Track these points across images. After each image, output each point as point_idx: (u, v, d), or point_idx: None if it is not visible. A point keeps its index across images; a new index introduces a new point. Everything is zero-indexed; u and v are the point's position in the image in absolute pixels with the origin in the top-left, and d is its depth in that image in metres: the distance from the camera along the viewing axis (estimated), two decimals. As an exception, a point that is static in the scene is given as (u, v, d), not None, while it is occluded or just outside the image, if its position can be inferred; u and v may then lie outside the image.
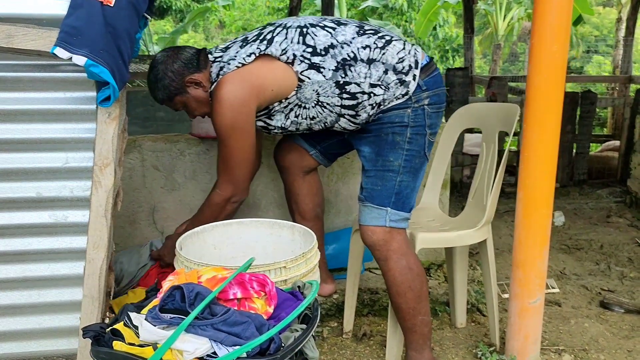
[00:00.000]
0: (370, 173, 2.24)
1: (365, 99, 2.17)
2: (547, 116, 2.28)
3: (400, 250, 2.23)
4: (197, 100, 2.28)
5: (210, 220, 2.30)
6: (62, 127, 2.02)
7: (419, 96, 2.18)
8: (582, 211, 5.00)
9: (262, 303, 1.68)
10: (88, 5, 1.80)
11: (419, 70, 2.18)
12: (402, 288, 2.24)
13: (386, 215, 2.21)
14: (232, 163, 2.28)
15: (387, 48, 2.18)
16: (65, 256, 2.07)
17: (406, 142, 2.20)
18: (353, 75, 2.14)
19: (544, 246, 2.40)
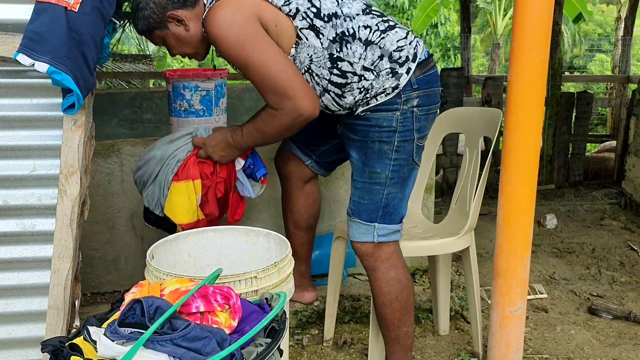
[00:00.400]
0: (358, 184, 2.18)
1: (355, 80, 2.07)
2: (528, 122, 2.23)
3: (390, 261, 2.19)
4: (177, 38, 2.16)
5: (270, 135, 2.18)
6: (29, 134, 1.97)
7: (409, 95, 2.09)
8: (575, 213, 4.96)
9: (225, 317, 1.64)
10: (52, 11, 1.75)
11: (415, 64, 2.09)
12: (388, 299, 2.20)
13: (374, 230, 2.16)
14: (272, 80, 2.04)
15: (388, 33, 2.08)
16: (34, 265, 2.03)
17: (393, 151, 2.12)
18: (348, 53, 2.05)
19: (526, 254, 2.36)
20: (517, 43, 2.17)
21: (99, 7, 1.82)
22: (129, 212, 2.87)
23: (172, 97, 2.75)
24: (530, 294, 3.27)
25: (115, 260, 2.92)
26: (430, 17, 11.07)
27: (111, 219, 2.85)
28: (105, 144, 2.80)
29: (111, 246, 2.89)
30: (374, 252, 2.18)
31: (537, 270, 3.66)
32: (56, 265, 1.89)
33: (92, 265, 2.89)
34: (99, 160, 2.78)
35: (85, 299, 2.89)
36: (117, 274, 2.94)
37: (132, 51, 12.31)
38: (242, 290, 1.89)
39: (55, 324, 1.89)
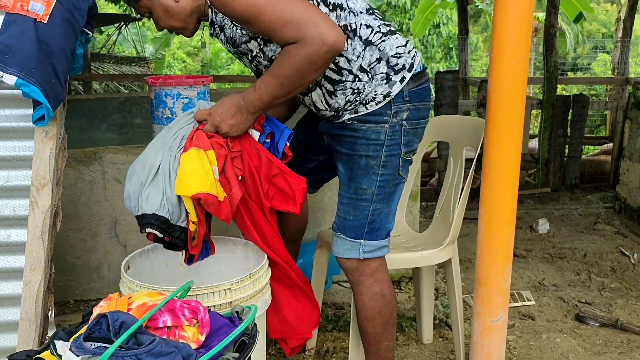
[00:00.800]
0: (344, 199, 2.12)
1: (350, 79, 1.98)
2: (508, 131, 2.21)
3: (374, 276, 2.15)
4: (164, 9, 1.94)
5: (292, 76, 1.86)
6: (2, 145, 1.96)
7: (399, 107, 2.03)
8: (569, 217, 4.94)
9: (193, 331, 1.63)
10: (21, 22, 1.75)
11: (410, 75, 2.04)
12: (371, 313, 2.17)
13: (359, 247, 2.11)
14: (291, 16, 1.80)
15: (389, 37, 2.03)
16: (9, 275, 2.02)
17: (380, 167, 2.06)
18: (347, 49, 1.95)
19: (507, 263, 2.33)
20: (496, 52, 2.15)
21: (69, 19, 1.81)
22: (112, 219, 2.86)
23: (154, 104, 2.74)
24: (517, 301, 3.26)
25: (98, 268, 2.91)
26: (429, 20, 11.03)
27: (94, 226, 2.85)
28: (87, 151, 2.80)
29: (94, 254, 2.88)
30: (358, 267, 2.14)
31: (526, 276, 3.64)
32: (28, 277, 1.89)
33: (75, 272, 2.89)
34: (80, 168, 2.77)
35: (68, 306, 2.89)
36: (100, 281, 2.93)
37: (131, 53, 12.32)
38: (216, 302, 1.88)
39: (27, 336, 1.88)
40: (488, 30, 17.89)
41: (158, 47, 13.64)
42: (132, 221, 2.85)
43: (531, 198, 5.53)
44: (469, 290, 3.22)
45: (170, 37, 12.69)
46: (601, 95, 10.81)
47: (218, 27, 2.01)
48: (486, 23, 17.95)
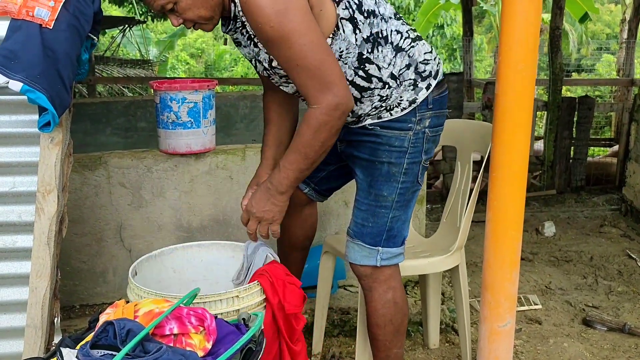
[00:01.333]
0: (362, 206, 2.09)
1: (379, 87, 1.94)
2: (516, 135, 2.19)
3: (388, 283, 2.12)
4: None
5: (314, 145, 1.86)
6: (8, 151, 1.96)
7: (423, 114, 2.01)
8: (575, 220, 4.91)
9: (200, 339, 1.62)
10: (26, 28, 1.75)
11: (436, 82, 2.03)
12: (382, 320, 2.15)
13: (377, 255, 2.08)
14: (313, 63, 1.77)
15: (417, 42, 2.00)
16: (15, 281, 2.02)
17: (402, 174, 2.03)
18: (378, 56, 1.91)
19: (514, 268, 2.32)
20: (503, 56, 2.14)
21: (74, 24, 1.81)
22: (117, 224, 2.86)
23: (159, 108, 2.74)
24: (524, 305, 3.24)
25: (104, 273, 2.91)
26: (431, 22, 11.01)
27: (99, 231, 2.84)
28: (93, 156, 2.79)
29: (99, 258, 2.88)
30: (372, 274, 2.11)
31: (533, 280, 3.62)
32: (34, 284, 1.88)
33: (81, 277, 2.88)
34: (86, 173, 2.77)
35: (73, 311, 2.88)
36: (106, 286, 2.93)
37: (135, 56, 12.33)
38: (223, 310, 1.86)
39: (33, 343, 1.88)
40: (492, 31, 17.86)
41: (162, 49, 13.65)
42: (137, 226, 2.87)
43: (537, 200, 5.51)
44: (475, 294, 3.20)
45: (174, 40, 12.70)
46: (606, 97, 10.79)
47: (240, 22, 1.88)
48: (490, 24, 17.91)
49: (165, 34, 15.89)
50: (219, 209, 2.96)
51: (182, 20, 1.84)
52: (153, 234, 2.84)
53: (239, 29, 1.91)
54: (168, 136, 2.77)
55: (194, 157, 2.86)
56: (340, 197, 3.00)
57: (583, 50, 17.64)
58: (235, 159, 2.92)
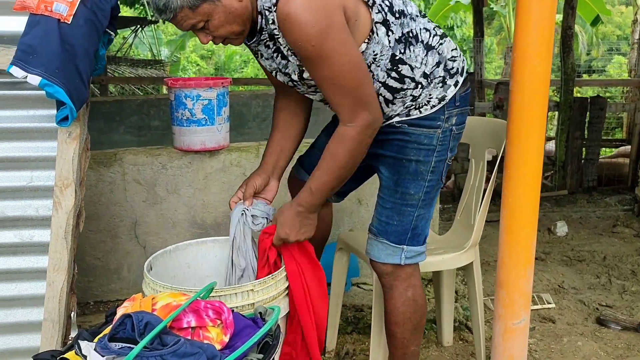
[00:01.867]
0: (387, 204, 2.06)
1: (411, 87, 1.93)
2: (531, 132, 2.19)
3: (408, 281, 2.11)
4: (227, 12, 1.72)
5: (347, 164, 1.89)
6: (26, 146, 1.98)
7: (451, 112, 2.01)
8: (587, 220, 4.89)
9: (217, 332, 1.62)
10: (45, 23, 1.76)
11: (462, 79, 2.03)
12: (401, 318, 2.14)
13: (402, 253, 2.06)
14: (351, 82, 1.78)
15: (444, 39, 1.99)
16: (32, 276, 2.03)
17: (429, 172, 2.02)
18: (410, 56, 1.90)
19: (529, 265, 2.31)
20: (518, 52, 2.13)
21: (92, 19, 1.82)
22: (132, 220, 2.87)
23: (174, 106, 2.75)
24: (537, 304, 3.23)
25: (118, 269, 2.92)
26: (440, 24, 11.03)
27: (113, 227, 2.85)
28: (108, 153, 2.81)
29: (114, 255, 2.89)
30: (394, 271, 2.10)
31: (545, 279, 3.61)
32: (51, 278, 1.89)
33: (96, 274, 2.90)
34: (101, 169, 2.78)
35: (88, 307, 2.90)
36: (120, 282, 2.94)
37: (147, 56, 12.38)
38: (238, 303, 1.87)
39: (50, 336, 1.89)
40: (502, 33, 17.81)
41: (173, 50, 13.69)
42: (152, 222, 2.88)
43: (548, 201, 5.49)
44: (488, 293, 3.19)
45: (186, 40, 12.72)
46: (617, 98, 10.73)
47: (267, 35, 1.84)
48: (500, 25, 17.87)
49: (176, 34, 15.93)
50: (232, 206, 2.97)
51: (211, 37, 1.79)
52: (167, 230, 2.85)
53: (263, 41, 1.88)
54: (182, 133, 2.78)
55: (208, 154, 2.87)
56: (354, 194, 2.99)
57: (593, 52, 17.58)
58: (249, 157, 2.93)
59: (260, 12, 1.78)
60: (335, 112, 1.87)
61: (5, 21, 1.91)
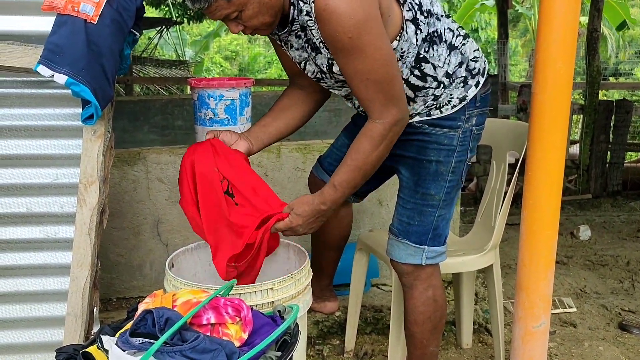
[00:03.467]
0: (408, 205, 2.06)
1: (433, 86, 1.93)
2: (553, 134, 2.18)
3: (429, 281, 2.12)
4: (261, 3, 1.71)
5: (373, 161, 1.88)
6: (51, 143, 2.02)
7: (471, 112, 2.01)
8: (611, 224, 4.84)
9: (236, 329, 1.64)
10: (71, 23, 1.79)
11: (483, 80, 2.03)
12: (421, 318, 2.14)
13: (423, 253, 2.06)
14: (384, 77, 1.78)
15: (467, 40, 2.00)
16: (56, 271, 2.07)
17: (449, 172, 2.02)
18: (433, 55, 1.90)
19: (549, 268, 2.30)
20: (541, 54, 2.12)
21: (118, 20, 1.84)
22: (154, 218, 2.90)
23: (197, 105, 2.77)
24: (559, 308, 3.21)
25: (141, 266, 2.96)
26: (467, 24, 10.98)
27: (137, 225, 2.89)
28: (132, 151, 2.85)
29: (137, 252, 2.93)
30: (414, 271, 2.10)
31: (567, 283, 3.58)
32: (75, 273, 1.92)
33: (118, 270, 2.94)
34: (125, 168, 2.82)
35: (110, 304, 2.94)
36: (143, 279, 2.98)
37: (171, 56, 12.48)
38: (258, 301, 1.89)
39: (73, 331, 1.92)
40: (527, 35, 17.68)
41: (197, 50, 13.80)
42: (174, 220, 2.91)
43: (572, 204, 5.45)
44: (509, 296, 3.18)
45: (210, 41, 12.80)
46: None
47: (299, 26, 1.82)
48: (525, 27, 17.73)
49: (200, 35, 16.04)
50: (253, 205, 2.99)
51: (242, 27, 1.78)
52: (189, 228, 2.81)
53: (295, 32, 1.86)
54: (205, 133, 2.80)
55: (230, 154, 2.89)
56: (374, 195, 3.00)
57: (621, 54, 17.38)
58: (271, 157, 2.95)
59: (292, 3, 1.77)
60: (364, 107, 1.86)
61: (34, 21, 1.95)
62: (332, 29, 1.69)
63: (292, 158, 2.96)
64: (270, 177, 2.97)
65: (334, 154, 2.34)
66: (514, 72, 17.03)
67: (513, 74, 16.25)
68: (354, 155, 1.89)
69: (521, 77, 17.07)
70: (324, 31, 1.72)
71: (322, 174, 2.36)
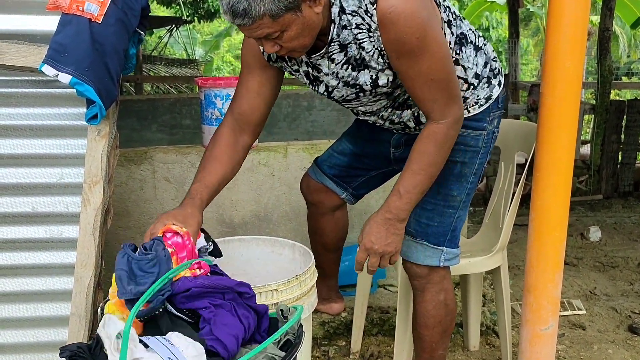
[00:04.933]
0: (428, 205, 2.01)
1: (464, 88, 1.91)
2: (561, 135, 2.15)
3: (441, 284, 2.09)
4: (305, 24, 1.61)
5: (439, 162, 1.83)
6: (56, 143, 2.01)
7: (494, 114, 2.01)
8: (622, 226, 4.80)
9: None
10: (76, 23, 1.79)
11: (503, 80, 2.02)
12: (432, 321, 2.12)
13: (441, 255, 2.03)
14: (446, 76, 1.76)
15: (486, 40, 2.01)
16: (61, 271, 2.07)
17: (472, 174, 2.01)
18: (463, 57, 1.88)
19: (558, 270, 2.28)
20: (549, 53, 2.10)
21: (122, 19, 1.84)
22: (161, 218, 2.90)
23: (204, 105, 2.77)
24: (568, 310, 3.18)
25: (147, 266, 2.95)
26: (475, 24, 10.92)
27: (143, 224, 2.88)
28: (138, 150, 2.84)
29: (143, 252, 2.92)
30: (428, 274, 2.07)
31: (577, 285, 3.55)
32: (79, 273, 1.92)
33: (125, 270, 2.93)
34: (131, 167, 2.82)
35: (117, 303, 2.93)
36: (149, 279, 2.97)
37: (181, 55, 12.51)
38: (262, 303, 1.87)
39: (77, 331, 1.92)
40: (539, 34, 17.59)
41: (208, 49, 13.83)
42: (180, 220, 2.90)
43: (582, 205, 5.41)
44: (517, 298, 3.16)
45: (220, 40, 12.82)
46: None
47: (339, 45, 1.74)
48: (537, 27, 17.64)
49: (210, 34, 16.07)
50: (260, 205, 2.98)
51: (279, 47, 1.67)
52: (196, 228, 2.87)
53: (329, 54, 1.77)
54: (212, 132, 2.78)
55: (236, 153, 2.88)
56: (381, 196, 2.99)
57: (633, 54, 17.25)
58: (277, 156, 2.94)
59: (333, 21, 1.70)
60: (425, 109, 1.81)
61: (39, 20, 1.94)
62: (399, 31, 1.64)
63: (299, 158, 2.95)
64: (277, 177, 2.95)
65: (334, 157, 2.31)
66: (525, 71, 16.95)
67: (524, 74, 16.17)
68: (419, 160, 1.82)
69: (532, 77, 16.99)
70: (390, 35, 1.66)
71: (322, 176, 2.33)
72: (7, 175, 2.01)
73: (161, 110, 4.33)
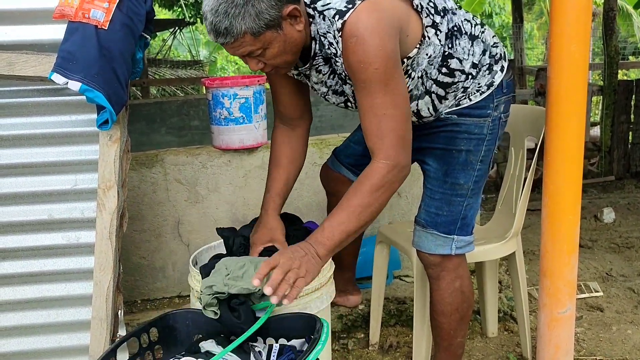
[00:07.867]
0: (436, 195, 2.04)
1: (462, 79, 1.93)
2: (570, 119, 2.15)
3: (456, 272, 2.10)
4: (286, 41, 1.67)
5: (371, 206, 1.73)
6: (69, 150, 2.03)
7: (499, 100, 2.01)
8: (636, 206, 4.79)
9: None
10: (83, 30, 1.80)
11: (507, 64, 2.02)
12: (449, 309, 2.13)
13: (452, 243, 2.05)
14: (400, 115, 1.73)
15: (484, 27, 2.01)
16: (80, 276, 2.09)
17: (479, 162, 2.01)
18: (457, 49, 1.90)
19: (573, 253, 2.28)
20: (555, 37, 2.10)
21: (128, 24, 1.86)
22: (175, 219, 2.92)
23: (212, 105, 2.79)
24: (585, 293, 3.18)
25: (163, 268, 2.98)
26: (476, 11, 10.85)
27: (157, 227, 2.91)
28: (149, 154, 2.86)
29: (159, 254, 2.95)
30: (442, 262, 2.08)
31: (592, 267, 3.55)
32: (97, 277, 1.95)
33: (141, 273, 2.96)
34: (143, 170, 2.84)
35: (135, 306, 2.96)
36: (166, 280, 3.00)
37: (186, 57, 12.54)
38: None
39: (99, 334, 1.94)
40: (543, 17, 17.48)
41: (211, 50, 13.85)
42: (195, 221, 2.92)
43: (594, 187, 5.39)
44: (534, 283, 3.16)
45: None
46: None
47: (322, 59, 1.82)
48: (540, 10, 17.53)
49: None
50: (272, 202, 3.00)
51: (263, 65, 1.72)
52: (210, 228, 2.89)
53: (315, 66, 1.85)
54: (221, 132, 2.82)
55: (246, 152, 2.90)
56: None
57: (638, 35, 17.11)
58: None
59: (313, 38, 1.76)
60: (371, 145, 1.76)
61: (46, 30, 1.96)
62: (357, 59, 1.66)
63: (308, 153, 2.92)
64: (288, 173, 2.97)
65: (350, 147, 2.33)
66: (530, 56, 16.85)
67: (530, 58, 16.08)
68: (351, 197, 1.73)
69: (539, 61, 16.89)
70: (350, 60, 1.68)
71: (339, 166, 2.36)
72: (23, 184, 2.03)
73: (169, 113, 4.35)
